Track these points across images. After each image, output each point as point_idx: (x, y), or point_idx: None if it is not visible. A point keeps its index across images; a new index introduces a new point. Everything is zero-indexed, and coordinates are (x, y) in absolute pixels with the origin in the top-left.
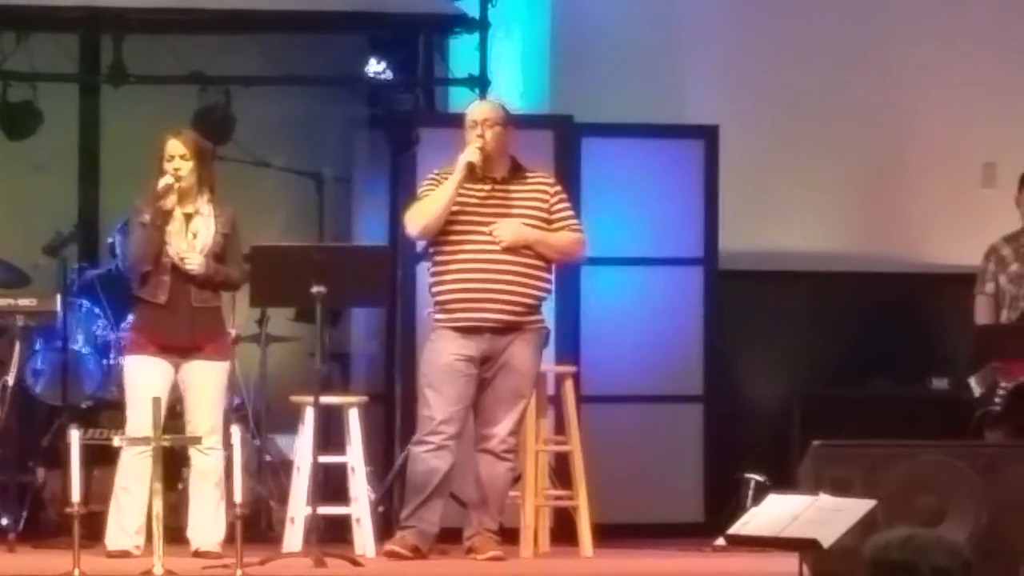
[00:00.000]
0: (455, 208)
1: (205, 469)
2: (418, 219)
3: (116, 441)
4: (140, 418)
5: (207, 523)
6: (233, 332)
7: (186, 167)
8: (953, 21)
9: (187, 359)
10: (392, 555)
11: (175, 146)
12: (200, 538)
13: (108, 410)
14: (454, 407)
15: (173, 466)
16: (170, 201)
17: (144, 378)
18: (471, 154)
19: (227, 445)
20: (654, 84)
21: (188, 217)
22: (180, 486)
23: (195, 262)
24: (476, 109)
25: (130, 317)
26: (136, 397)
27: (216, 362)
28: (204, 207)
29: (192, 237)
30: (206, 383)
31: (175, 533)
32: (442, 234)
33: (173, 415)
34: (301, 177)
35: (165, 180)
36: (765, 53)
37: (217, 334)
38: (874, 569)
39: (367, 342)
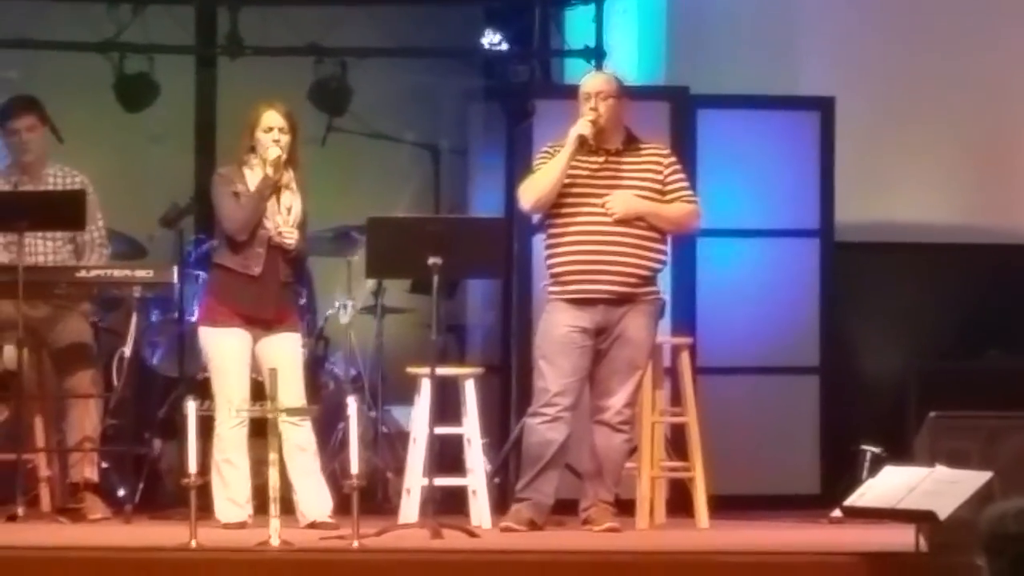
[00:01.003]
0: (568, 180)
1: (301, 441)
2: (531, 193)
3: (234, 412)
4: (235, 389)
5: (314, 494)
6: (349, 303)
7: (286, 139)
8: None
9: (267, 332)
10: (508, 530)
11: (274, 117)
12: (311, 510)
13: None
14: (569, 379)
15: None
16: (278, 173)
17: (232, 349)
18: (582, 127)
19: (343, 416)
20: (769, 56)
21: (277, 191)
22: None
23: (294, 236)
24: (589, 81)
25: (206, 286)
26: (226, 368)
27: (295, 334)
28: (291, 182)
29: (287, 212)
30: (289, 356)
31: (283, 504)
32: (556, 206)
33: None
34: (417, 149)
35: (274, 151)
36: (879, 25)
37: (294, 308)
38: (991, 541)
39: (483, 314)
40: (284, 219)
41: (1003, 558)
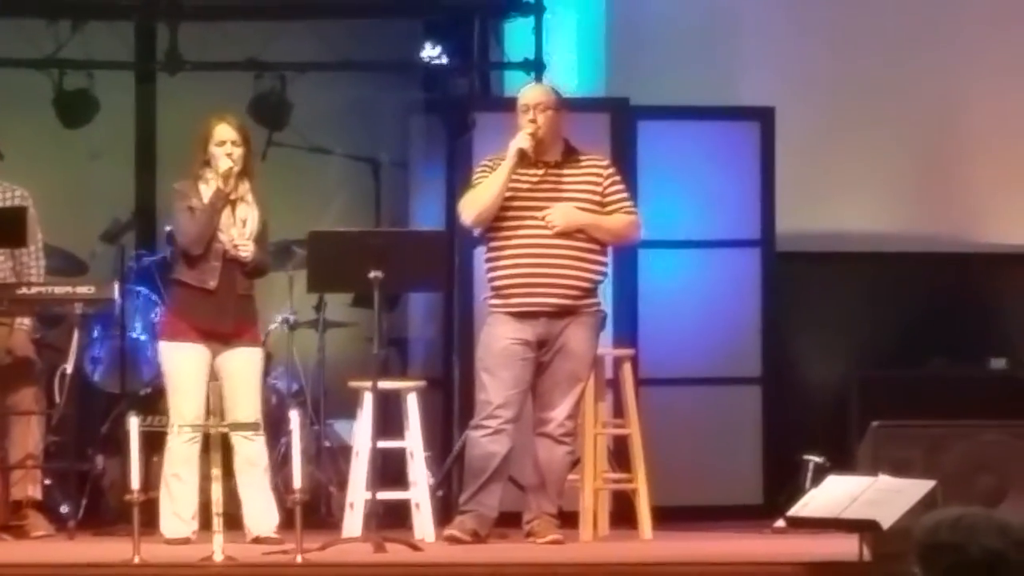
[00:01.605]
0: (509, 193)
1: (252, 455)
2: (472, 208)
3: (176, 429)
4: (188, 405)
5: (261, 509)
6: (292, 318)
7: (238, 152)
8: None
9: (226, 347)
10: (451, 540)
11: (226, 131)
12: (257, 525)
13: (167, 397)
14: (511, 391)
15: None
16: (230, 186)
17: (188, 365)
18: (522, 140)
19: (285, 431)
20: (710, 66)
21: (232, 203)
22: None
23: (249, 249)
24: (527, 93)
25: (165, 301)
26: (181, 384)
27: (255, 348)
28: (247, 194)
29: (241, 224)
30: (247, 370)
31: (230, 519)
32: (496, 220)
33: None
34: (357, 162)
35: (225, 164)
36: (820, 34)
37: (254, 321)
38: (924, 550)
39: (425, 327)
40: (239, 232)
41: (936, 567)
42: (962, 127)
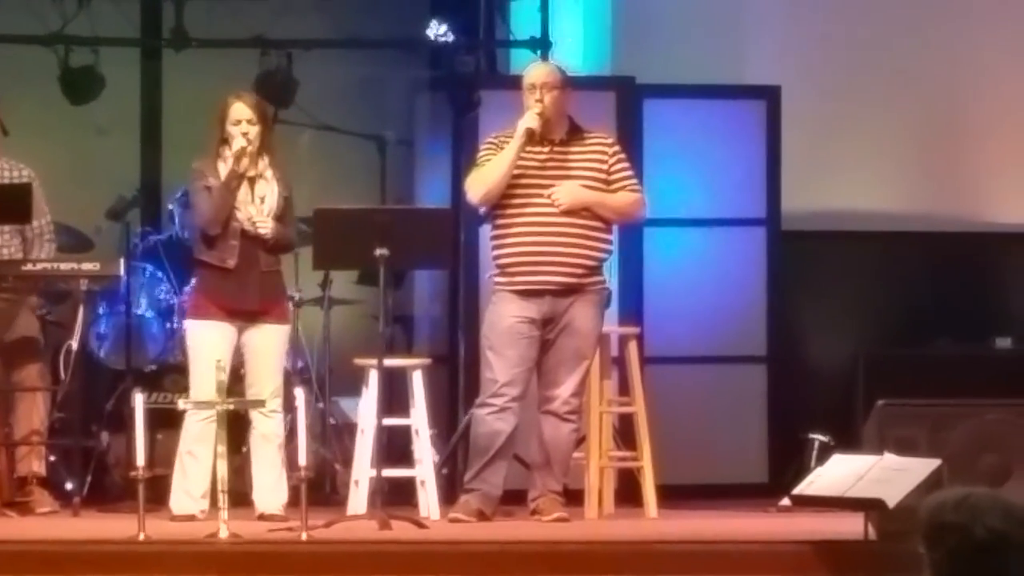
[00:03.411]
0: (515, 172)
1: (267, 432)
2: (479, 186)
3: (180, 405)
4: (205, 382)
5: (271, 486)
6: (297, 295)
7: (253, 131)
8: None
9: (252, 324)
10: (456, 521)
11: (241, 110)
12: (264, 502)
13: (172, 374)
14: (516, 369)
15: (236, 430)
16: (244, 164)
17: (209, 342)
18: (530, 120)
19: (291, 408)
20: (716, 45)
21: (251, 181)
22: (244, 449)
23: (268, 226)
24: (533, 72)
25: (192, 280)
26: (200, 361)
27: (280, 326)
28: (267, 171)
29: (260, 201)
30: (270, 347)
31: (239, 497)
32: (502, 198)
33: (236, 379)
34: (363, 140)
35: (239, 143)
36: (826, 13)
37: (281, 298)
38: (928, 530)
39: (430, 304)
40: (257, 209)
41: (941, 547)
42: (969, 106)
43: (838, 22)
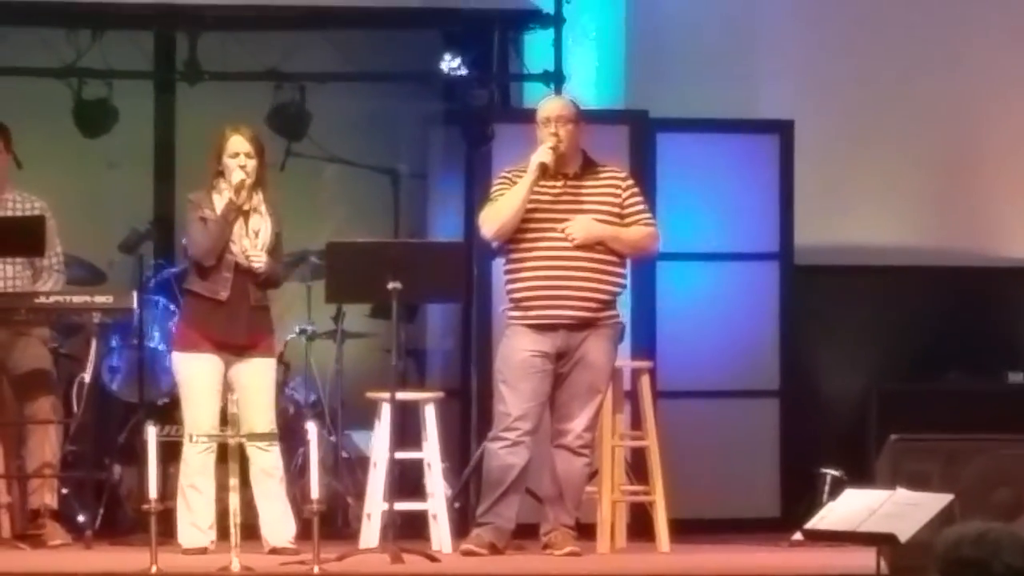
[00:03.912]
0: (528, 206)
1: (267, 467)
2: (493, 221)
3: (191, 438)
4: (202, 415)
5: (277, 519)
6: (310, 329)
7: (252, 164)
8: None
9: (240, 358)
10: (468, 554)
11: (239, 143)
12: (274, 535)
13: (181, 408)
14: (529, 403)
15: (243, 463)
16: (242, 197)
17: (201, 374)
18: (543, 154)
19: (303, 442)
20: (728, 79)
21: (245, 214)
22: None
23: (261, 260)
24: (547, 106)
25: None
26: (194, 394)
27: (269, 359)
28: (261, 205)
29: (254, 235)
30: (262, 381)
31: (247, 530)
32: (516, 232)
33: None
34: (376, 173)
35: (238, 176)
36: (839, 47)
37: (269, 332)
38: (945, 565)
39: (443, 338)
40: (252, 242)
41: None
42: (981, 140)
43: (851, 57)
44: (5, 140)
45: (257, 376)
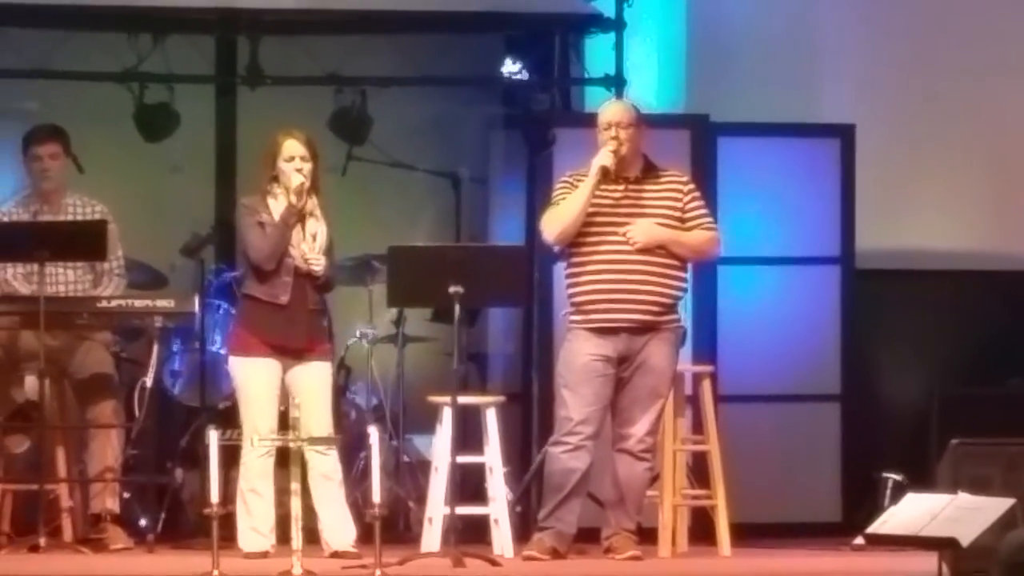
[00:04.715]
0: (590, 210)
1: (327, 471)
2: (554, 225)
3: (253, 442)
4: (261, 419)
5: (338, 524)
6: (371, 333)
7: (308, 168)
8: None
9: (298, 361)
10: (530, 559)
11: (294, 146)
12: (335, 539)
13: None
14: (591, 407)
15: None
16: (302, 201)
17: (259, 379)
18: (605, 158)
19: (365, 446)
20: (790, 83)
21: (301, 218)
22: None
23: (321, 263)
24: (608, 110)
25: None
26: (252, 399)
27: (325, 363)
28: (315, 209)
29: (312, 239)
30: (319, 385)
31: (309, 533)
32: (577, 236)
33: (282, 417)
34: (437, 177)
35: (297, 179)
36: (900, 52)
37: (326, 336)
38: (1008, 569)
39: (504, 342)
40: (310, 246)
41: None
42: None
43: (912, 60)
44: (64, 144)
45: (315, 380)
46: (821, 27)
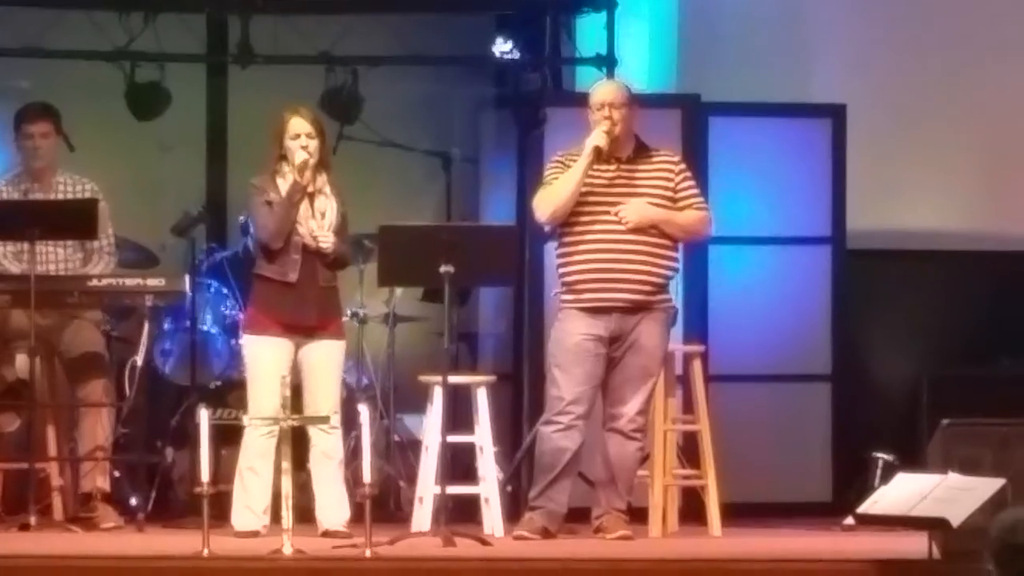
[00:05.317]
0: (582, 190)
1: (328, 449)
2: (547, 205)
3: (245, 421)
4: (265, 398)
5: (334, 503)
6: (361, 312)
7: (313, 144)
8: None
9: (310, 339)
10: (520, 538)
11: (300, 124)
12: (328, 518)
13: (236, 390)
14: (582, 387)
15: (299, 446)
16: (307, 177)
17: (268, 358)
18: (598, 138)
19: (355, 425)
20: (781, 63)
21: (310, 196)
22: (308, 466)
23: (329, 241)
24: (600, 90)
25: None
26: (260, 377)
27: (337, 341)
28: (325, 186)
29: (320, 216)
30: (329, 363)
31: (302, 513)
32: (570, 215)
33: (294, 395)
34: (429, 157)
35: (301, 156)
36: (891, 32)
37: (338, 314)
38: (1001, 549)
39: (495, 322)
40: (318, 224)
41: (1012, 568)
42: None
43: (904, 40)
44: (55, 122)
45: (326, 358)
46: (812, 7)
